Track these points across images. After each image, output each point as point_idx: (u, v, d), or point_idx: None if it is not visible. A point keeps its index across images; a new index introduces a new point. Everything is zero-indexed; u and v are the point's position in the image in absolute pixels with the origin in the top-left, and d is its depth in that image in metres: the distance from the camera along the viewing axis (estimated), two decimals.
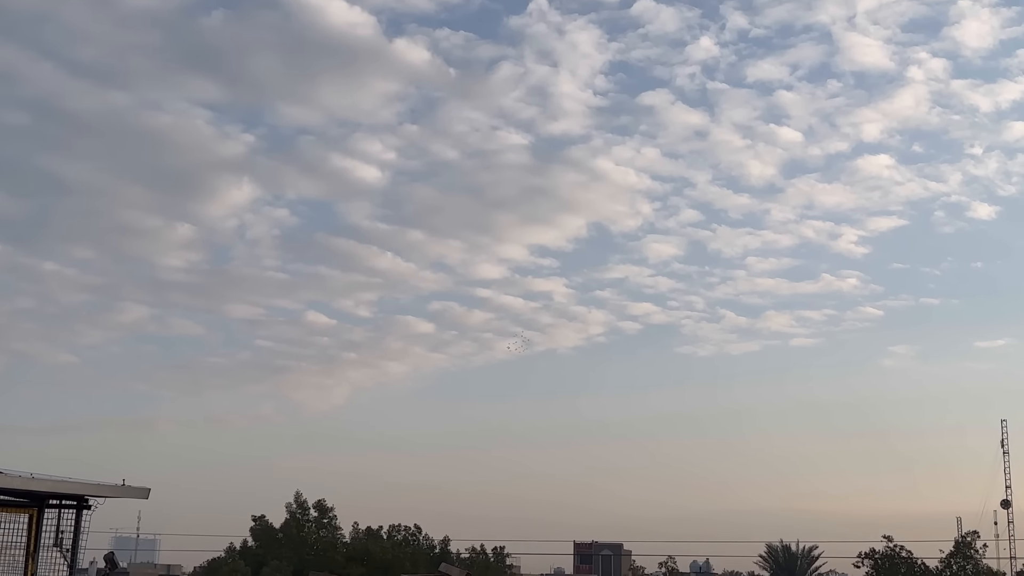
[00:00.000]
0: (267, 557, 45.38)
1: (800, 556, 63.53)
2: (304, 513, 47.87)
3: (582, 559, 77.61)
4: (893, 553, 45.36)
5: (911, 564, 45.56)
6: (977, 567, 44.71)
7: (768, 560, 63.85)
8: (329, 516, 48.24)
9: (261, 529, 47.83)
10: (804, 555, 63.67)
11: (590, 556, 78.10)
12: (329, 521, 48.27)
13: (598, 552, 78.63)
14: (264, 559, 45.25)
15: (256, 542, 47.83)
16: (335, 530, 48.40)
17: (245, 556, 46.72)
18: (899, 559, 45.27)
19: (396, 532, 50.00)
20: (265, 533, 47.64)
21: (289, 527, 47.41)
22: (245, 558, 46.38)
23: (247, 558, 46.33)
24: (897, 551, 45.36)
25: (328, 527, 48.19)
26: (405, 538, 49.93)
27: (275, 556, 45.20)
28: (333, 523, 48.42)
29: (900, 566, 45.29)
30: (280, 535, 47.35)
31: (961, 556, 44.27)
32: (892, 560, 45.22)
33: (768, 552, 63.75)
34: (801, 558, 63.54)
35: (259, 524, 47.97)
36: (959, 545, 44.85)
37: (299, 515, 47.71)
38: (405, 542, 49.58)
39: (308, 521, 47.91)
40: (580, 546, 77.38)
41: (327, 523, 48.14)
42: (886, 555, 45.35)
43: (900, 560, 45.30)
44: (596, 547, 78.60)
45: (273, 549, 46.36)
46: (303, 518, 47.80)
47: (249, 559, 46.07)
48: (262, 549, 46.92)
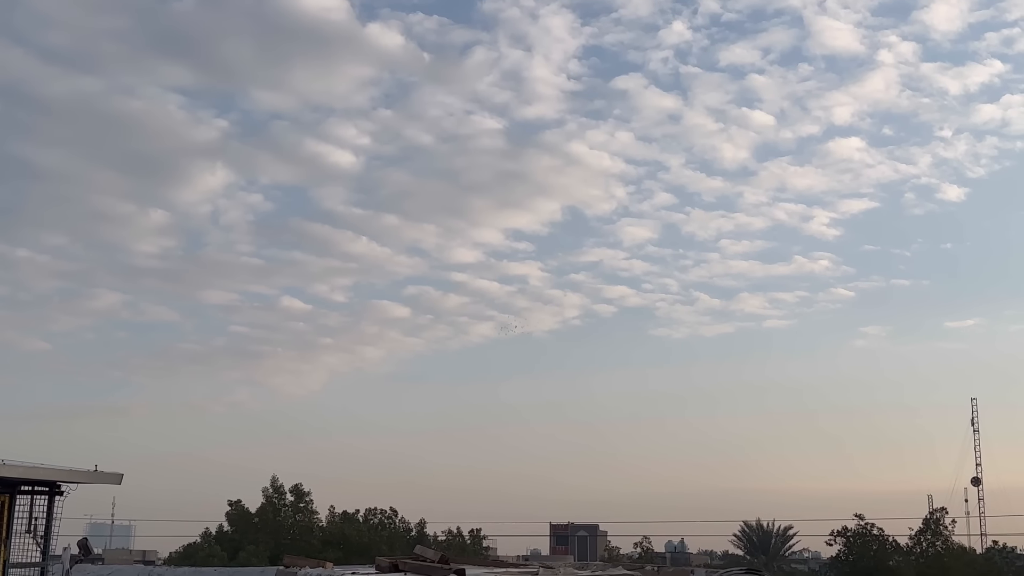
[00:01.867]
0: (243, 542, 45.38)
1: (774, 535, 64.13)
2: (280, 498, 47.89)
3: (558, 540, 77.96)
4: (865, 531, 45.81)
5: (882, 541, 46.06)
6: (947, 543, 45.28)
7: (743, 539, 64.39)
8: (305, 500, 48.28)
9: (237, 514, 47.81)
10: (778, 534, 64.28)
11: (566, 537, 78.48)
12: (305, 505, 48.32)
13: (574, 533, 79.03)
14: (240, 544, 45.24)
15: (232, 527, 47.81)
16: (311, 514, 48.45)
17: (221, 541, 46.69)
18: (870, 537, 45.74)
19: (372, 516, 50.08)
20: (241, 518, 47.62)
21: (265, 512, 47.42)
22: (221, 543, 46.35)
23: (223, 543, 46.31)
24: (868, 529, 45.83)
25: (304, 511, 48.24)
26: (381, 521, 50.02)
27: (251, 541, 45.20)
28: (309, 507, 48.48)
29: (871, 543, 45.76)
30: (256, 520, 47.35)
31: (931, 533, 44.84)
32: (864, 538, 45.68)
33: (743, 531, 64.28)
34: (775, 536, 64.14)
35: (235, 509, 47.95)
36: (928, 522, 45.37)
37: (275, 500, 47.73)
38: (381, 525, 49.69)
39: (284, 505, 47.94)
40: (556, 527, 77.72)
41: (303, 507, 48.18)
42: (858, 533, 45.79)
43: (871, 538, 45.77)
44: (572, 528, 78.99)
45: (249, 534, 46.36)
46: (279, 502, 47.82)
47: (225, 544, 46.04)
48: (238, 534, 46.90)
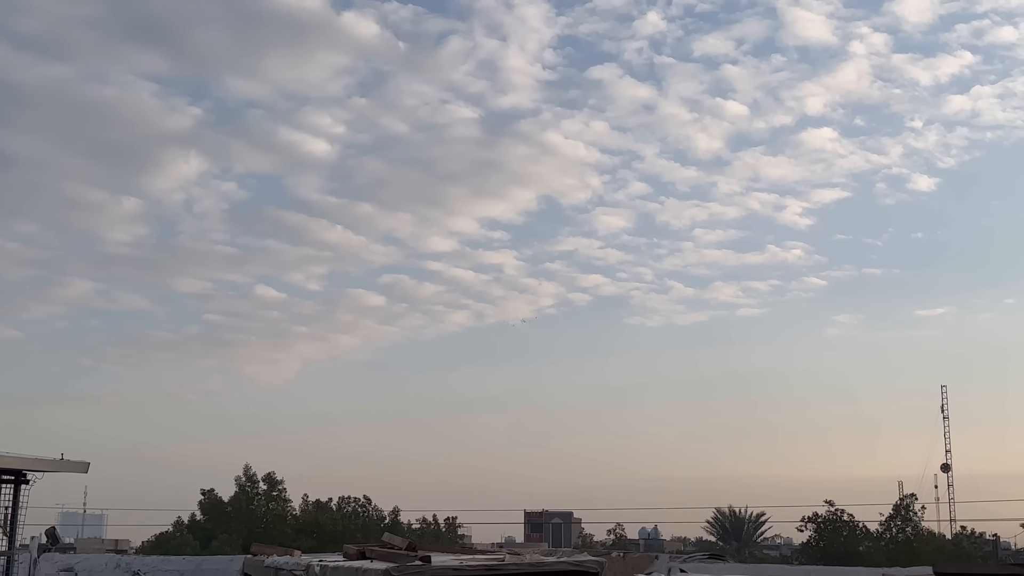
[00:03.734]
0: (216, 531, 45.29)
1: (747, 521, 64.65)
2: (253, 486, 47.78)
3: (532, 527, 78.34)
4: (835, 517, 46.31)
5: (852, 527, 46.57)
6: (916, 529, 45.83)
7: (715, 525, 64.87)
8: (279, 489, 48.19)
9: (210, 503, 47.68)
10: (750, 520, 64.81)
11: (540, 524, 78.88)
12: (279, 494, 48.23)
13: (548, 520, 79.42)
14: (213, 533, 45.15)
15: (205, 516, 47.69)
16: (285, 503, 48.37)
17: (193, 530, 46.57)
18: (841, 523, 46.25)
19: (346, 504, 50.07)
20: (214, 507, 47.50)
21: (238, 501, 47.32)
22: (194, 532, 46.24)
23: (195, 532, 46.20)
24: (839, 515, 46.33)
25: (278, 500, 48.15)
26: (355, 509, 50.01)
27: (224, 530, 45.12)
28: (283, 496, 48.39)
29: (842, 529, 46.27)
30: (229, 509, 47.24)
31: (900, 519, 45.37)
32: (834, 524, 46.17)
33: (715, 518, 64.75)
34: (747, 523, 64.67)
35: (208, 498, 47.82)
36: (898, 508, 45.90)
37: (248, 488, 47.61)
38: (355, 514, 49.68)
39: (257, 494, 47.84)
40: (530, 515, 78.09)
41: (276, 496, 48.09)
42: (828, 519, 46.29)
43: (842, 524, 46.28)
44: (546, 516, 79.38)
45: (222, 523, 46.26)
46: (252, 491, 47.72)
47: (198, 533, 45.93)
48: (211, 523, 46.79)
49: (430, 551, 13.57)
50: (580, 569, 11.99)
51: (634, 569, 12.03)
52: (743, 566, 13.86)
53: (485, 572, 11.72)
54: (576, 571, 11.96)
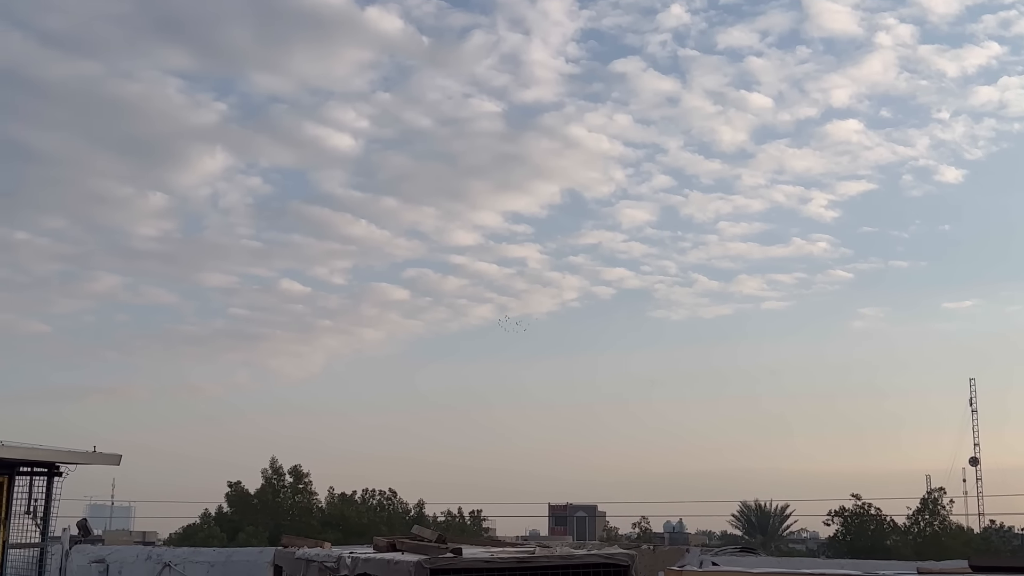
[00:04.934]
0: (243, 523, 45.54)
1: (772, 515, 64.36)
2: (279, 479, 48.03)
3: (557, 521, 78.32)
4: (862, 511, 46.04)
5: (880, 521, 46.29)
6: (944, 523, 45.50)
7: (741, 519, 64.62)
8: (304, 482, 48.42)
9: (236, 495, 47.96)
10: (776, 514, 64.51)
11: (565, 518, 78.85)
12: (304, 487, 48.46)
13: (573, 514, 79.39)
14: (240, 525, 45.40)
15: (231, 508, 47.97)
16: (310, 495, 48.60)
17: (220, 522, 46.86)
18: (868, 516, 45.97)
19: (371, 497, 50.26)
20: (240, 499, 47.78)
21: (264, 493, 47.57)
22: (221, 524, 46.52)
23: (222, 524, 46.48)
24: (866, 508, 46.05)
25: (303, 493, 48.38)
26: (380, 502, 50.19)
27: (251, 522, 45.36)
28: (308, 489, 48.62)
29: (869, 523, 46.00)
30: (256, 501, 47.51)
31: (928, 512, 45.06)
32: (861, 517, 45.90)
33: (741, 511, 64.49)
34: (773, 516, 64.37)
35: (234, 490, 48.10)
36: (926, 502, 45.57)
37: (274, 481, 47.87)
38: (380, 506, 49.86)
39: (283, 487, 48.09)
40: (555, 508, 78.04)
41: (302, 489, 48.32)
42: (855, 513, 46.02)
43: (869, 517, 46.00)
44: (571, 509, 79.33)
45: (249, 515, 46.52)
46: (278, 484, 47.97)
47: (224, 525, 46.21)
48: (238, 515, 47.06)
49: (458, 543, 13.59)
50: (611, 562, 11.98)
51: (664, 562, 12.00)
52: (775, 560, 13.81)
53: (516, 564, 11.73)
54: (607, 563, 11.95)
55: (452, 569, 11.35)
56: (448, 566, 11.33)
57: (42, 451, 14.37)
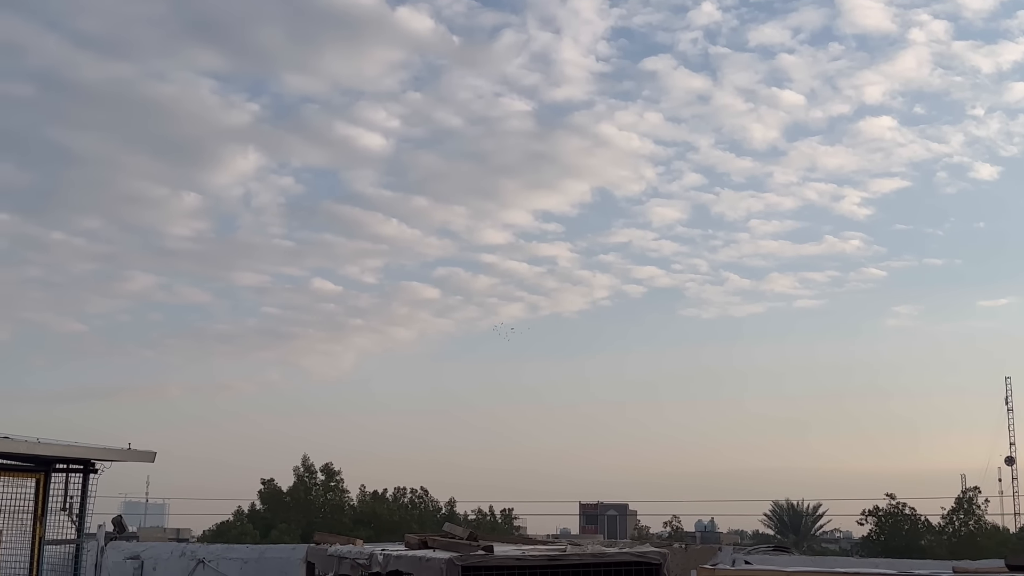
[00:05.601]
0: (275, 520, 45.82)
1: (805, 514, 63.97)
2: (311, 477, 48.29)
3: (588, 519, 78.27)
4: (896, 510, 45.69)
5: (914, 521, 45.91)
6: (979, 523, 45.06)
7: (773, 519, 64.28)
8: (336, 479, 48.65)
9: (269, 493, 48.27)
10: (809, 513, 64.12)
11: (596, 516, 78.76)
12: (336, 484, 48.69)
13: (603, 512, 79.27)
14: (272, 522, 45.69)
15: (264, 505, 48.28)
16: (342, 493, 48.83)
17: (253, 519, 47.18)
18: (902, 516, 45.61)
19: (402, 495, 50.41)
20: (273, 497, 48.08)
21: (297, 491, 47.84)
22: (254, 521, 46.83)
23: (255, 521, 46.79)
24: (900, 508, 45.69)
25: (335, 490, 48.61)
26: (411, 500, 50.33)
27: (283, 519, 45.64)
28: (340, 486, 48.85)
29: (903, 523, 45.64)
30: (288, 498, 47.79)
31: (963, 512, 44.64)
32: (895, 517, 45.56)
33: (773, 511, 64.16)
34: (806, 516, 63.99)
35: (267, 488, 48.41)
36: (960, 501, 45.14)
37: (306, 479, 48.13)
38: (412, 504, 49.99)
39: (315, 485, 48.34)
40: (586, 506, 77.98)
41: (334, 486, 48.56)
42: (889, 512, 45.69)
43: (903, 517, 45.64)
44: (601, 508, 79.22)
45: (281, 512, 46.80)
46: (310, 482, 48.23)
47: (257, 522, 46.52)
48: (270, 512, 47.37)
49: (489, 540, 13.60)
50: (642, 560, 11.93)
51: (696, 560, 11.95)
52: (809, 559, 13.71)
53: (547, 562, 11.72)
54: (638, 562, 11.91)
55: (483, 566, 11.35)
56: (479, 563, 11.34)
57: (78, 448, 14.51)
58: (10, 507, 14.50)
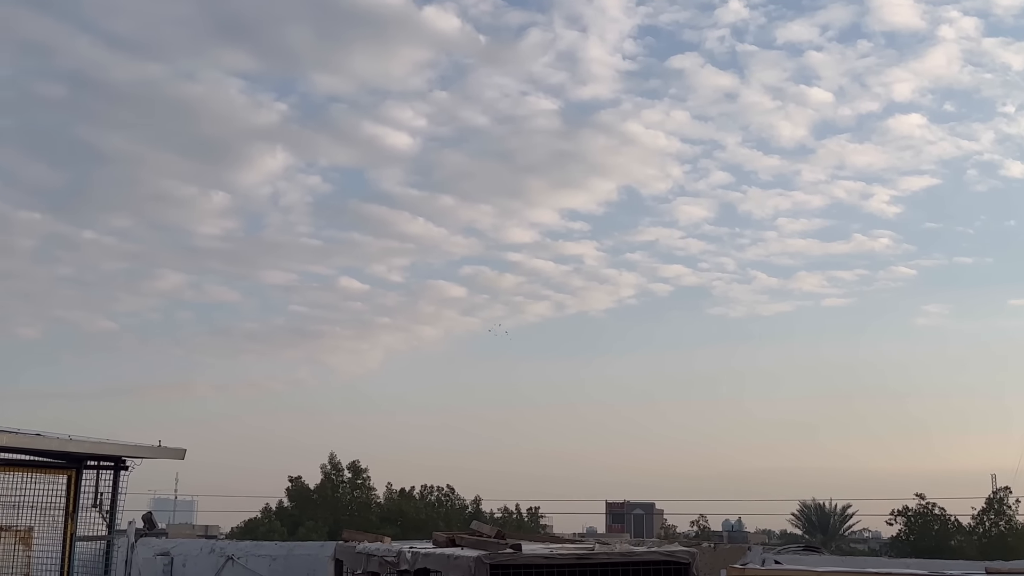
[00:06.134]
0: (302, 518, 46.04)
1: (833, 514, 63.57)
2: (338, 474, 48.51)
3: (614, 518, 78.14)
4: (926, 510, 45.33)
5: (944, 521, 45.52)
6: (1010, 523, 44.61)
7: (801, 519, 63.91)
8: (363, 477, 48.85)
9: (297, 490, 48.51)
10: (837, 513, 63.71)
11: (622, 515, 78.63)
12: (363, 482, 48.88)
13: (630, 511, 79.12)
14: (300, 520, 45.91)
15: (292, 503, 48.53)
16: (369, 491, 49.02)
17: (281, 517, 47.42)
18: (932, 516, 45.24)
19: (429, 493, 50.53)
20: (300, 494, 48.32)
21: (324, 488, 48.06)
22: (281, 519, 47.08)
23: (283, 519, 47.03)
24: (930, 508, 45.33)
25: (362, 488, 48.80)
26: (438, 498, 50.44)
27: (311, 517, 45.85)
28: (367, 484, 49.05)
29: (933, 523, 45.26)
30: (315, 496, 48.02)
31: (994, 512, 44.22)
32: (925, 517, 45.20)
33: (801, 511, 63.79)
34: (834, 516, 63.58)
35: (295, 485, 48.66)
36: (991, 502, 44.72)
37: (334, 476, 48.36)
38: (438, 502, 50.11)
39: (342, 482, 48.55)
40: (612, 505, 77.85)
41: (361, 484, 48.75)
42: (919, 512, 45.34)
43: (933, 517, 45.27)
44: (628, 507, 79.07)
45: (309, 510, 47.03)
46: (337, 479, 48.45)
47: (285, 520, 46.76)
48: (298, 510, 47.60)
49: (516, 539, 13.58)
50: (672, 559, 11.88)
51: (726, 560, 11.89)
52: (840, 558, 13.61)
53: (576, 561, 11.68)
54: (667, 561, 11.85)
55: (512, 564, 11.33)
56: (508, 561, 11.32)
57: (109, 445, 14.64)
58: (42, 504, 14.64)
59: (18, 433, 13.38)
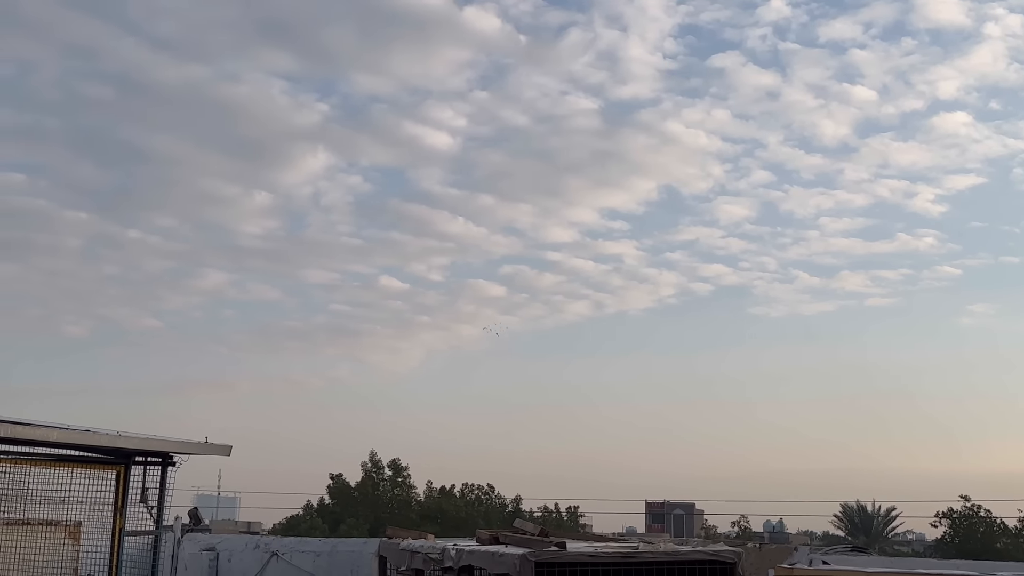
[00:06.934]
0: (344, 515, 46.33)
1: (876, 516, 62.88)
2: (379, 472, 48.75)
3: (654, 518, 77.83)
4: (971, 513, 44.73)
5: (990, 523, 44.90)
6: None
7: (843, 520, 63.27)
8: (403, 475, 49.06)
9: (338, 488, 48.82)
10: (881, 515, 63.01)
11: (662, 515, 78.31)
12: (403, 480, 49.10)
13: (670, 511, 78.80)
14: (341, 517, 46.21)
15: (333, 500, 48.84)
16: (409, 489, 49.24)
17: (323, 513, 47.74)
18: (977, 519, 44.64)
19: (469, 491, 50.63)
20: (341, 491, 48.62)
21: (365, 486, 48.32)
22: (322, 515, 47.40)
23: (324, 515, 47.35)
24: (975, 511, 44.72)
25: (402, 486, 49.03)
26: (478, 497, 50.54)
27: (351, 514, 46.12)
28: (407, 482, 49.27)
29: (978, 525, 44.66)
30: (356, 493, 48.29)
31: None
32: (970, 520, 44.61)
33: (843, 512, 63.14)
34: (877, 518, 62.89)
35: (336, 483, 48.97)
36: None
37: (374, 474, 48.61)
38: (478, 501, 50.20)
39: (383, 480, 48.79)
40: (652, 505, 77.56)
41: (401, 482, 48.97)
42: (964, 515, 44.76)
43: (978, 520, 44.67)
44: (668, 506, 78.75)
45: (349, 507, 47.31)
46: (378, 477, 48.69)
47: (326, 516, 47.08)
48: (339, 507, 47.91)
49: (559, 537, 13.57)
50: (717, 559, 11.81)
51: (771, 560, 11.78)
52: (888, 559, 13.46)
53: (620, 559, 11.65)
54: (713, 561, 11.79)
55: (556, 563, 11.33)
56: (553, 559, 11.32)
57: (157, 441, 14.77)
58: (91, 499, 14.81)
59: (68, 429, 13.54)
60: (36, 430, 13.01)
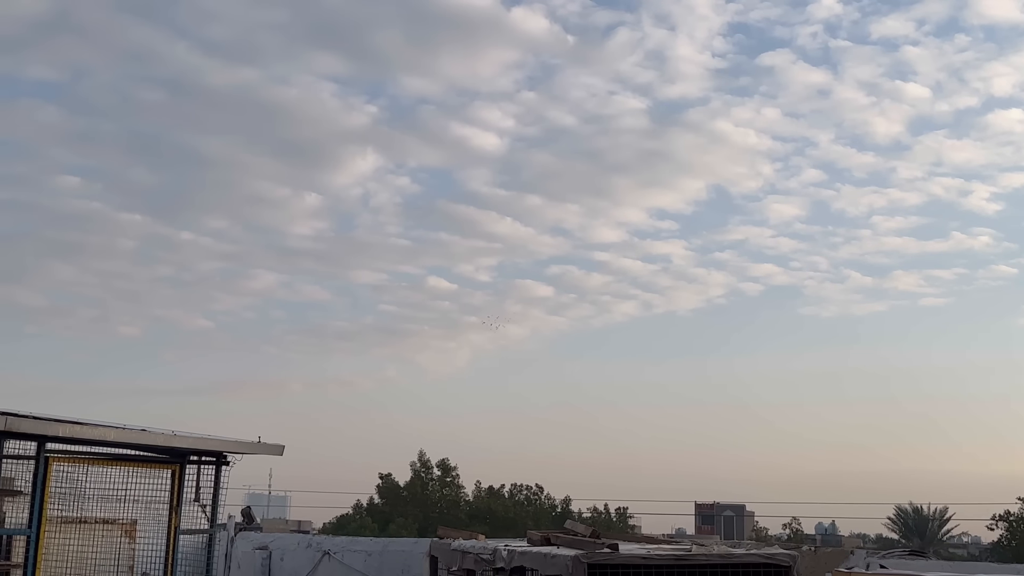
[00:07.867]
0: (393, 514, 46.56)
1: (931, 518, 61.98)
2: (428, 472, 48.93)
3: (704, 520, 77.32)
4: None
5: None
6: None
7: (897, 522, 62.45)
8: (452, 475, 49.19)
9: (387, 487, 49.07)
10: (935, 517, 62.10)
11: (712, 517, 77.79)
12: (452, 480, 49.23)
13: (720, 513, 78.26)
14: (390, 516, 46.45)
15: (382, 499, 49.10)
16: (458, 488, 49.37)
17: (372, 513, 48.01)
18: None
19: (518, 491, 50.64)
20: (391, 491, 48.86)
21: (414, 485, 48.52)
22: (372, 515, 47.66)
23: (374, 515, 47.61)
24: None
25: (451, 486, 49.16)
26: (527, 497, 50.53)
27: (401, 513, 46.34)
28: (456, 482, 49.40)
29: None
30: (405, 493, 48.51)
31: None
32: None
33: (897, 514, 62.32)
34: (932, 520, 61.99)
35: (385, 482, 49.22)
36: None
37: (423, 474, 48.80)
38: (527, 501, 50.19)
39: (432, 480, 48.96)
40: (701, 507, 77.08)
41: (450, 482, 49.11)
42: (1021, 517, 43.94)
43: None
44: (718, 508, 78.23)
45: (399, 507, 47.54)
46: (427, 477, 48.87)
47: (376, 516, 47.33)
48: (388, 507, 48.15)
49: (611, 539, 13.50)
50: (772, 562, 11.69)
51: (827, 564, 11.64)
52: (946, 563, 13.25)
53: (674, 561, 11.56)
54: (767, 563, 11.67)
55: (609, 564, 11.27)
56: (605, 561, 11.26)
57: (211, 440, 14.91)
58: (146, 497, 14.99)
59: (125, 428, 13.71)
60: (94, 430, 13.17)
